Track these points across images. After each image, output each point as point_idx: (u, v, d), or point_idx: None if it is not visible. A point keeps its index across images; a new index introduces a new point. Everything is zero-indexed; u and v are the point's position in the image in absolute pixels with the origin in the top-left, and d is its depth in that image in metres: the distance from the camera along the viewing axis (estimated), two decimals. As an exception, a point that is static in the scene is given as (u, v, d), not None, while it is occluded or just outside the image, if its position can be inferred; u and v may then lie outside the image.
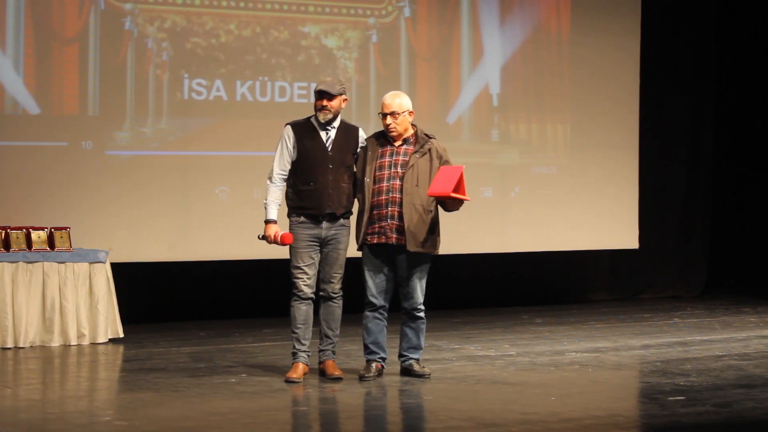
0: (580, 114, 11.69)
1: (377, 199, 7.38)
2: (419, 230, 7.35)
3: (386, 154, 7.43)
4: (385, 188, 7.38)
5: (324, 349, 7.52)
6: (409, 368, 7.53)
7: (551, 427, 6.16)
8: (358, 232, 7.44)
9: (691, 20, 12.62)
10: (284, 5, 10.43)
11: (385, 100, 7.50)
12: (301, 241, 7.43)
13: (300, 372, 7.36)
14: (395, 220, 7.35)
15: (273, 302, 10.74)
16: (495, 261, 11.64)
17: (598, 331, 9.89)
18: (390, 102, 7.46)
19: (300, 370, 7.37)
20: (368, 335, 7.49)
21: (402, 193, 7.33)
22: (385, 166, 7.41)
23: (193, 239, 10.09)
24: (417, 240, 7.35)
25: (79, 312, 9.00)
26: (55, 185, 9.64)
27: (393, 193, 7.36)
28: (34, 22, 9.58)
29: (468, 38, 11.19)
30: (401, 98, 7.49)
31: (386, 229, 7.36)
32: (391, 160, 7.42)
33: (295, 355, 7.44)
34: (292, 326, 7.43)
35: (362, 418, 6.60)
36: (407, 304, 7.49)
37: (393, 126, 7.43)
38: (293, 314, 7.43)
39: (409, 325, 7.53)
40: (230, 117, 10.26)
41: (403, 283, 7.48)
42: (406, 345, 7.56)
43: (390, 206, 7.36)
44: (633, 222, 11.95)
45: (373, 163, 7.42)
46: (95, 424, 6.23)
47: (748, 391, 7.07)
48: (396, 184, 7.36)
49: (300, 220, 7.46)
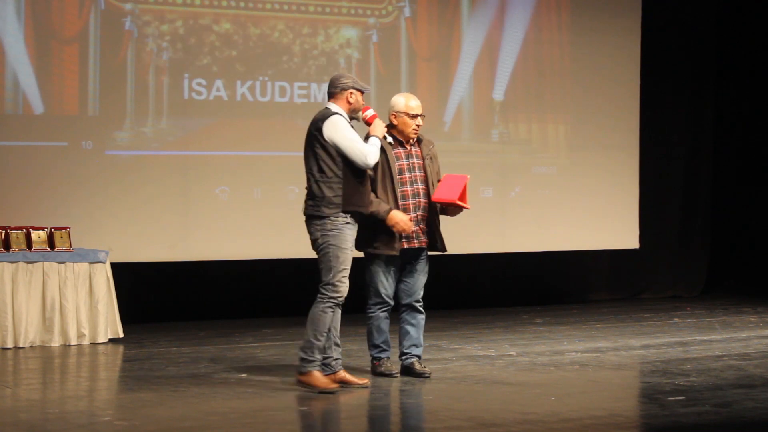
0: (580, 114, 11.69)
1: (403, 204, 7.41)
2: (440, 231, 7.57)
3: (402, 156, 7.47)
4: (410, 192, 7.42)
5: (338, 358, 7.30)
6: (410, 367, 7.53)
7: (551, 427, 6.16)
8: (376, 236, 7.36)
9: (691, 20, 12.62)
10: (284, 5, 10.43)
11: (410, 102, 7.47)
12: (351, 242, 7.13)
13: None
14: (422, 223, 7.47)
15: (273, 302, 10.77)
16: (495, 261, 11.64)
17: (598, 331, 9.89)
18: (418, 104, 7.49)
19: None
20: (379, 335, 7.50)
21: (428, 197, 7.45)
22: (405, 170, 7.46)
23: (193, 239, 10.10)
24: (442, 240, 7.56)
25: (79, 312, 9.00)
26: (56, 185, 9.64)
27: (418, 198, 7.44)
28: (34, 22, 9.58)
29: (468, 38, 11.19)
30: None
31: (417, 232, 7.45)
32: (409, 163, 7.47)
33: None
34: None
35: (362, 418, 6.60)
36: (411, 299, 7.54)
37: (419, 128, 7.51)
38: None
39: (411, 322, 7.54)
40: (230, 117, 10.26)
41: (409, 281, 7.54)
42: (408, 343, 7.57)
43: (416, 210, 7.43)
44: (633, 222, 11.96)
45: (395, 166, 7.43)
46: (95, 424, 6.22)
47: (748, 391, 7.07)
48: (419, 188, 7.45)
49: (347, 220, 7.10)
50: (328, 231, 6.98)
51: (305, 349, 6.98)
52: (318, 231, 7.01)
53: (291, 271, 10.68)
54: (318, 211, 6.97)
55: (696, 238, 12.95)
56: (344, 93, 7.15)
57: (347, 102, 7.15)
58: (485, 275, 11.81)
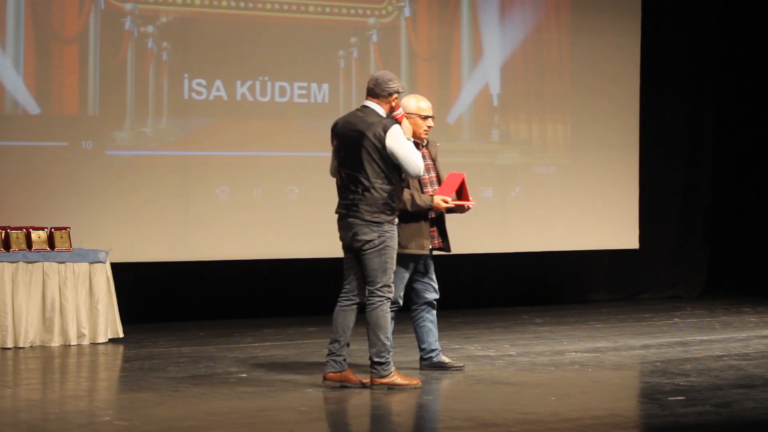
0: (580, 114, 11.69)
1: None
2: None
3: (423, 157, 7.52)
4: (430, 194, 7.51)
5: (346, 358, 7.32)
6: (442, 363, 7.69)
7: (551, 427, 6.16)
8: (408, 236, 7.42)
9: (691, 20, 12.62)
10: (284, 5, 10.43)
11: (421, 103, 7.54)
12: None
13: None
14: (437, 224, 7.60)
15: (273, 302, 10.77)
16: (495, 261, 11.64)
17: (598, 331, 9.89)
18: (429, 105, 7.56)
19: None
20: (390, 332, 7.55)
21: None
22: (430, 170, 7.58)
23: (193, 239, 10.10)
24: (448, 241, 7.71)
25: (79, 312, 9.00)
26: (55, 185, 9.64)
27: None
28: (34, 22, 9.58)
29: (468, 38, 11.19)
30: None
31: (435, 234, 7.59)
32: (425, 165, 7.52)
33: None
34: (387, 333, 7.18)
35: (362, 418, 6.60)
36: (428, 295, 7.68)
37: (430, 129, 7.58)
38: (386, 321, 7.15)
39: (430, 319, 7.70)
40: (230, 117, 10.26)
41: (425, 280, 7.68)
42: (432, 339, 7.72)
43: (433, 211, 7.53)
44: (633, 222, 11.96)
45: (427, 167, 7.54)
46: (95, 424, 6.23)
47: (748, 391, 7.07)
48: (436, 189, 7.55)
49: (397, 222, 7.20)
50: (386, 233, 7.04)
51: (380, 353, 7.06)
52: (376, 233, 7.03)
53: (291, 271, 10.68)
54: (378, 217, 7.02)
55: (696, 238, 12.95)
56: (390, 97, 7.17)
57: (390, 105, 7.18)
58: (485, 275, 11.81)
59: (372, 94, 7.16)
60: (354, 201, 7.04)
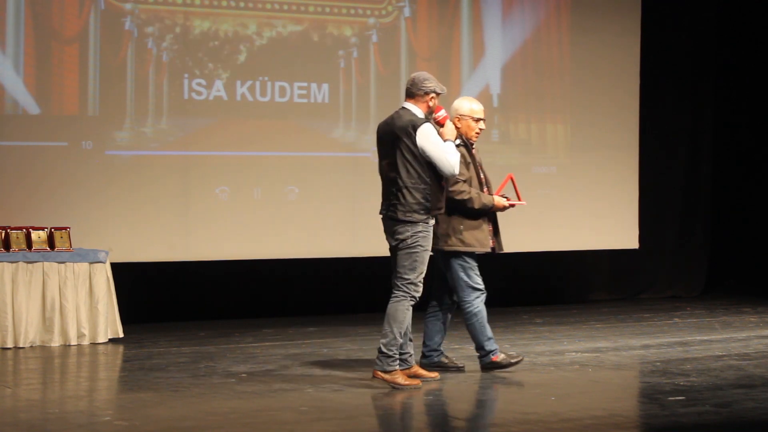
0: (580, 114, 11.69)
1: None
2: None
3: (474, 159, 7.70)
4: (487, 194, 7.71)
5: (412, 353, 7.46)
6: (442, 363, 7.76)
7: (551, 427, 6.16)
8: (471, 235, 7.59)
9: (691, 20, 12.62)
10: (284, 5, 10.43)
11: (474, 105, 7.67)
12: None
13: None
14: (493, 223, 7.86)
15: (273, 302, 10.77)
16: (495, 261, 11.62)
17: (598, 331, 9.89)
18: (481, 108, 7.69)
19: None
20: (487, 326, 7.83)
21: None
22: (480, 171, 7.74)
23: (193, 239, 10.10)
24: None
25: (79, 312, 9.00)
26: (55, 185, 9.64)
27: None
28: (34, 22, 9.58)
29: (468, 38, 11.19)
30: None
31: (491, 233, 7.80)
32: (477, 165, 7.71)
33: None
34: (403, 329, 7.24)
35: (363, 418, 6.59)
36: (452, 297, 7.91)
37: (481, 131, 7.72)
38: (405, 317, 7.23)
39: (443, 320, 7.90)
40: (230, 117, 10.26)
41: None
42: (439, 339, 7.87)
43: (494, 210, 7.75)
44: (633, 222, 11.95)
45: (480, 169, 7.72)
46: (95, 424, 6.23)
47: (748, 391, 7.07)
48: (490, 189, 7.76)
49: (432, 222, 7.27)
50: (419, 233, 7.11)
51: (389, 345, 7.10)
52: (409, 232, 7.10)
53: (291, 271, 10.68)
54: (410, 217, 7.09)
55: (696, 238, 12.95)
56: (426, 96, 7.19)
57: (427, 105, 7.20)
58: (485, 275, 11.73)
59: (409, 95, 7.22)
60: (391, 201, 7.15)
